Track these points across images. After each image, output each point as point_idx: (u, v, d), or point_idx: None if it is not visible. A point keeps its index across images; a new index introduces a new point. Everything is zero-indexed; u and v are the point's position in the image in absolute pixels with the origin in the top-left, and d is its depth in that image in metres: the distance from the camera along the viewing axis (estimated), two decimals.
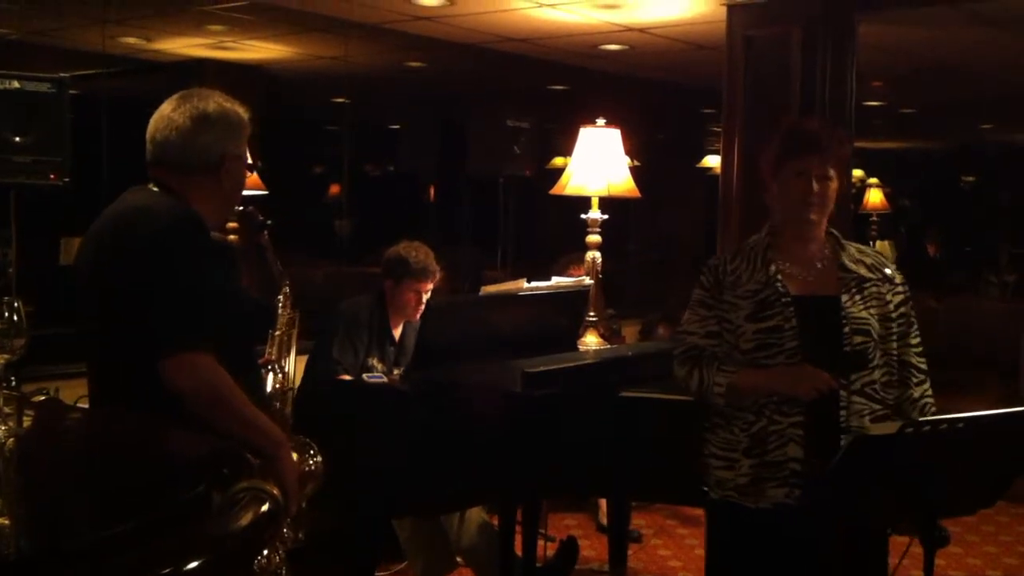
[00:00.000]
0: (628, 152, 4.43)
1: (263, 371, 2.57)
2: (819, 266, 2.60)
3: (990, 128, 12.19)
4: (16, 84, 3.57)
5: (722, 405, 2.56)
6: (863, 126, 7.05)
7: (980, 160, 14.71)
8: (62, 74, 3.79)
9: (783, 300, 2.51)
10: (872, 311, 2.54)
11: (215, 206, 2.42)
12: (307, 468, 2.38)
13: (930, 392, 2.62)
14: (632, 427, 3.09)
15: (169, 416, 2.16)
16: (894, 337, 2.56)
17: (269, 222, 2.68)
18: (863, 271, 2.59)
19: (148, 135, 2.39)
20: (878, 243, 10.38)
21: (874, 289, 2.57)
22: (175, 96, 2.41)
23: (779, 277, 2.55)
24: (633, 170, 4.50)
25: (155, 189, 2.37)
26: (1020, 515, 5.54)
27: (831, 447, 2.43)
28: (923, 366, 2.63)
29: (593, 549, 4.86)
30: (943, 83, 8.41)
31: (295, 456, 2.37)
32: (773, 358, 2.50)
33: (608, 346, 4.10)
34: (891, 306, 2.57)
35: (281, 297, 2.70)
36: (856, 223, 9.07)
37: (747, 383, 2.51)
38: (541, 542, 4.05)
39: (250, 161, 2.52)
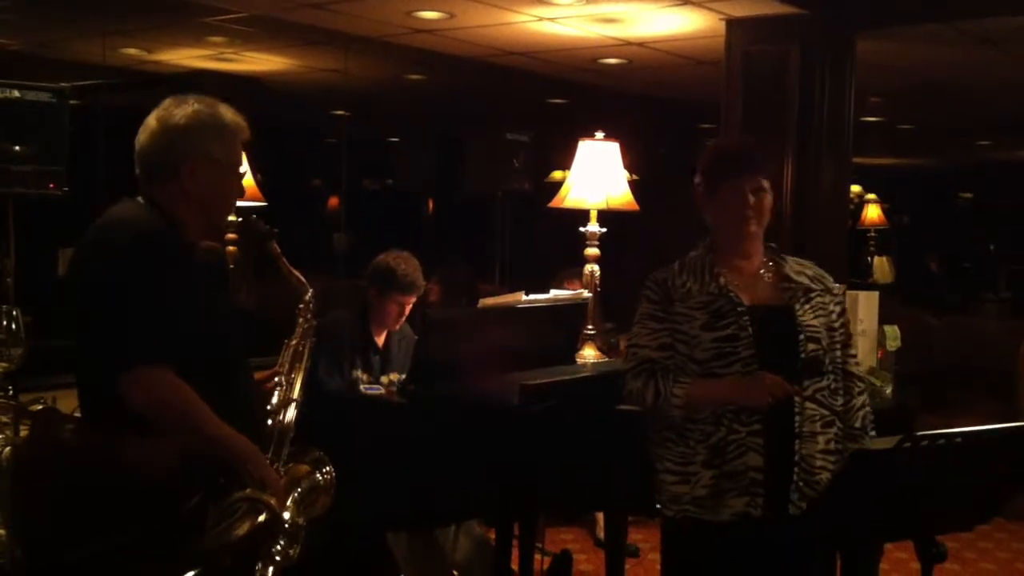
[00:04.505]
0: (627, 166, 4.43)
1: (273, 381, 2.47)
2: (764, 279, 2.64)
3: (987, 145, 12.23)
4: (16, 94, 3.57)
5: (677, 417, 2.55)
6: (861, 142, 7.06)
7: (977, 177, 14.75)
8: (62, 84, 3.79)
9: (737, 309, 2.54)
10: (819, 320, 2.58)
11: (194, 214, 2.36)
12: (321, 481, 2.37)
13: (868, 402, 2.68)
14: (629, 441, 3.08)
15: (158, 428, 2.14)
16: (838, 346, 2.61)
17: (276, 230, 2.57)
18: (806, 282, 2.63)
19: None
20: (876, 259, 10.37)
21: (818, 299, 2.61)
22: (165, 100, 2.38)
23: (730, 288, 2.57)
24: (632, 184, 4.50)
25: (140, 200, 2.33)
26: (1017, 532, 5.53)
27: (788, 454, 2.48)
28: (863, 375, 2.73)
29: (591, 564, 4.85)
30: (941, 100, 8.44)
31: (305, 469, 2.35)
32: (729, 367, 2.51)
33: (606, 359, 4.09)
34: (833, 316, 2.62)
35: (302, 306, 2.57)
36: (854, 239, 9.07)
37: (703, 393, 2.52)
38: (538, 556, 4.04)
39: (242, 169, 2.45)
